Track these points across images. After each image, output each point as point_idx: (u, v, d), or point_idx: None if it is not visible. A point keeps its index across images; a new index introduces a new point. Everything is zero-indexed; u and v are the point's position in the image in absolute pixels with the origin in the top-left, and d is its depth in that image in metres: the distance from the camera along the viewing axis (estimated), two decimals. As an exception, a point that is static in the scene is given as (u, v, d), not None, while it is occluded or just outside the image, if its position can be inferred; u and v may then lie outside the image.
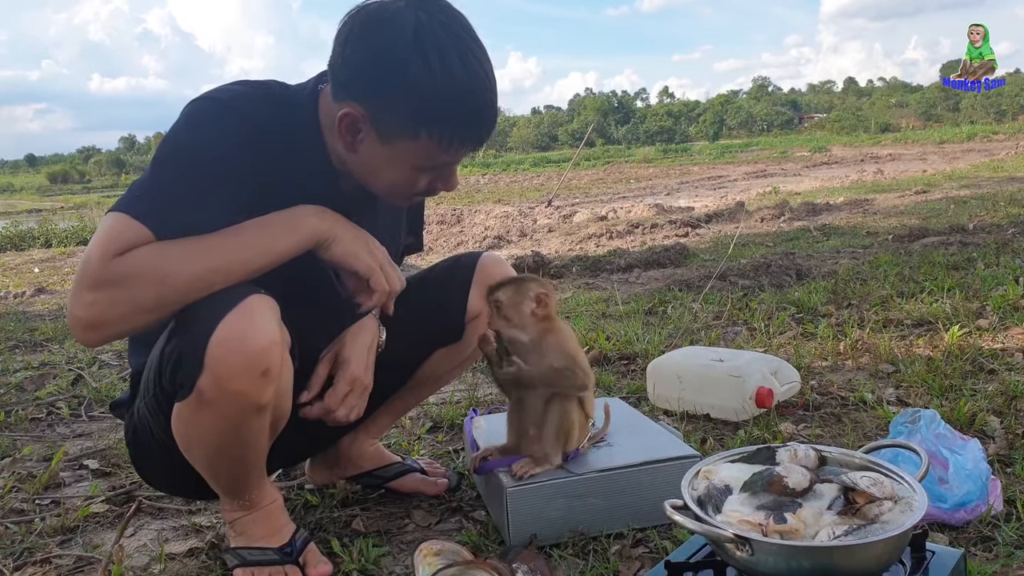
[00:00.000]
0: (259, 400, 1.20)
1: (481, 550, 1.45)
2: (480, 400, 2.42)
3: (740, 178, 17.16)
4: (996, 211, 6.44)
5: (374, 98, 1.17)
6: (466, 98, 1.17)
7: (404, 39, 1.13)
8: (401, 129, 1.18)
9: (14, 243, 10.48)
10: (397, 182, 1.27)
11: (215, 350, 1.15)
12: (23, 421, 2.47)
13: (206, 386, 1.17)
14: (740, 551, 1.01)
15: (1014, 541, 1.36)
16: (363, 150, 1.23)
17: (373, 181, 1.29)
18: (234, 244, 1.18)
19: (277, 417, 1.30)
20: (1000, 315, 2.91)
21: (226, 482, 1.35)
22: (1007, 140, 25.76)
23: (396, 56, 1.13)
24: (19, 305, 5.11)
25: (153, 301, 1.14)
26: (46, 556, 1.54)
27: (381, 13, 1.16)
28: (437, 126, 1.18)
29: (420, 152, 1.21)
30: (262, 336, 1.17)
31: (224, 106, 1.23)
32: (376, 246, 1.30)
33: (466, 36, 1.18)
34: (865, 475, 1.10)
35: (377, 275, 1.28)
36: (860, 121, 56.33)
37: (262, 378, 1.18)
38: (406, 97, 1.15)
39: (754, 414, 2.08)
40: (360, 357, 1.41)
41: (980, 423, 1.88)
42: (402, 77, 1.14)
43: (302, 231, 1.22)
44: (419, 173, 1.25)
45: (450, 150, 1.22)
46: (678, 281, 4.28)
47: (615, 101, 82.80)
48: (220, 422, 1.21)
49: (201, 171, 1.18)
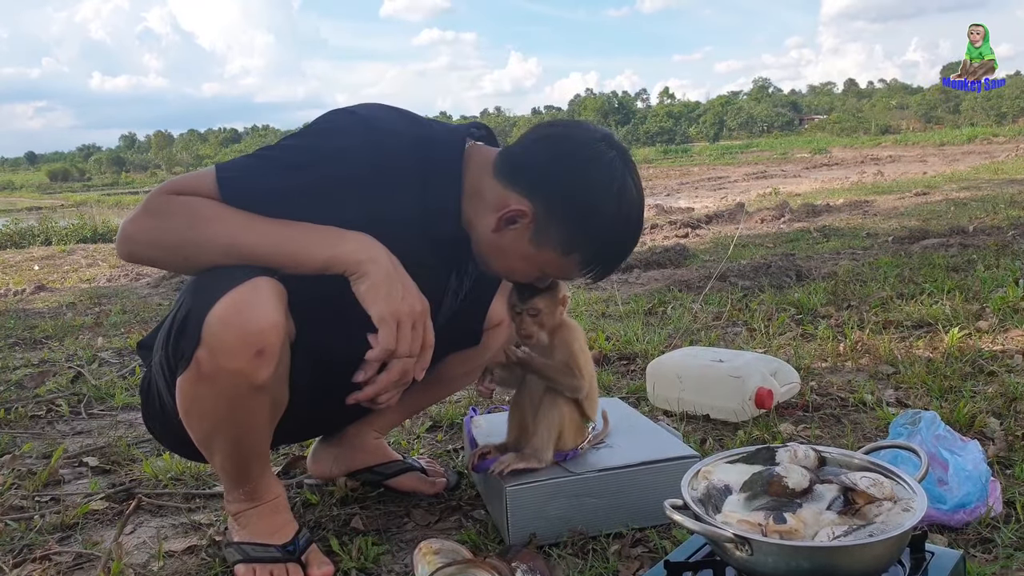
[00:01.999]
0: (254, 380, 1.19)
1: (480, 549, 1.45)
2: (480, 400, 2.42)
3: (740, 179, 17.18)
4: (996, 213, 6.44)
5: (553, 209, 1.24)
6: (627, 246, 1.32)
7: (609, 180, 1.24)
8: (557, 243, 1.25)
9: (14, 241, 10.49)
10: (517, 273, 1.33)
11: (212, 324, 1.15)
12: (23, 418, 2.47)
13: (203, 359, 1.17)
14: (740, 551, 1.01)
15: (1013, 543, 1.36)
16: (508, 238, 1.27)
17: (495, 262, 1.32)
18: (270, 233, 1.18)
19: (277, 401, 1.29)
20: (1000, 317, 2.91)
21: (226, 464, 1.34)
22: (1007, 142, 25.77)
23: (597, 191, 1.23)
24: (19, 303, 5.11)
25: (174, 242, 1.18)
26: (46, 553, 1.54)
27: (583, 136, 1.26)
28: (592, 257, 1.28)
29: (560, 265, 1.29)
30: (261, 317, 1.16)
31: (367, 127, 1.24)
32: (411, 296, 1.20)
33: (640, 186, 1.29)
34: (865, 476, 1.11)
35: (387, 327, 1.17)
36: (860, 123, 56.31)
37: (257, 358, 1.17)
38: (584, 228, 1.25)
39: (754, 415, 2.08)
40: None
41: (980, 425, 1.88)
42: (592, 212, 1.24)
43: (334, 252, 1.18)
44: (538, 276, 1.33)
45: (583, 272, 1.30)
46: (678, 281, 4.28)
47: (615, 101, 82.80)
48: (216, 399, 1.21)
49: (306, 179, 1.20)
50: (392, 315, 1.17)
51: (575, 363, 1.48)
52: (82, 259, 7.80)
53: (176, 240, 1.18)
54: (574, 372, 1.48)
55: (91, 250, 8.57)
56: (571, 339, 1.49)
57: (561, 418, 1.50)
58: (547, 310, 1.44)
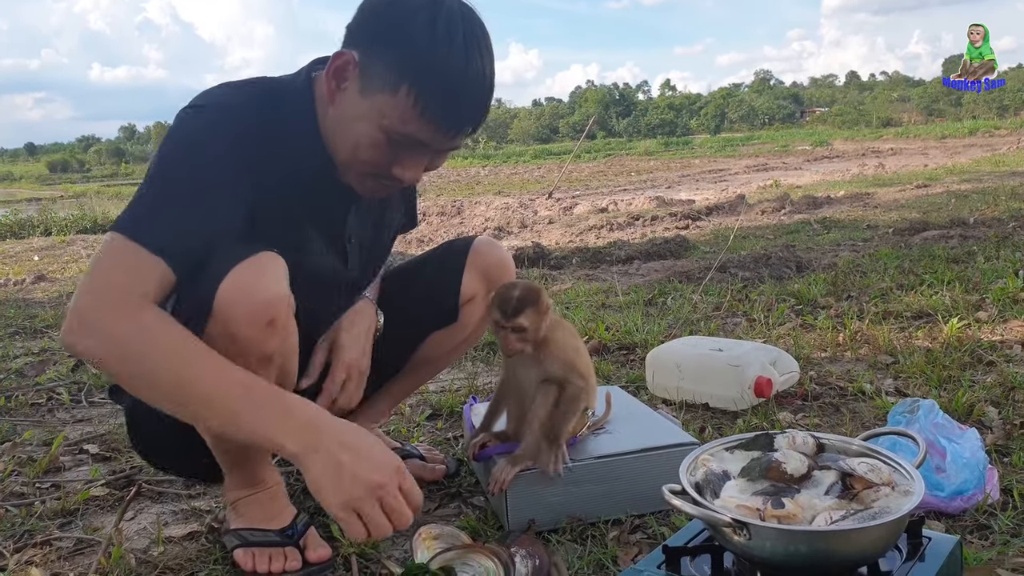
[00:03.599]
0: (264, 349, 1.21)
1: (480, 535, 1.45)
2: (480, 388, 2.42)
3: (741, 171, 17.14)
4: (997, 205, 6.43)
5: (370, 46, 1.17)
6: (456, 74, 1.16)
7: (420, 1, 1.15)
8: (383, 81, 1.16)
9: (14, 231, 10.46)
10: (363, 143, 1.21)
11: (223, 296, 1.16)
12: (23, 406, 2.47)
13: (213, 332, 1.17)
14: (738, 536, 1.01)
15: (1010, 529, 1.37)
16: (341, 101, 1.21)
17: (341, 143, 1.24)
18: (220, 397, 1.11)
19: (283, 379, 1.30)
20: (999, 307, 2.91)
21: (231, 448, 1.34)
22: (1009, 135, 25.70)
23: (406, 8, 1.15)
24: (19, 292, 5.12)
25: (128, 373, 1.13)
26: (46, 538, 1.55)
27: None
28: (418, 86, 1.15)
29: (394, 110, 1.16)
30: (270, 288, 1.19)
31: (207, 115, 1.22)
32: (363, 488, 1.07)
33: (479, 28, 1.19)
34: (863, 461, 1.11)
35: (348, 521, 1.07)
36: (862, 115, 56.20)
37: (268, 328, 1.19)
38: (399, 47, 1.15)
39: (753, 403, 2.08)
40: (357, 343, 1.42)
41: (978, 414, 1.89)
42: (404, 29, 1.14)
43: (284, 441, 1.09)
44: (386, 142, 1.20)
45: (422, 120, 1.17)
46: (678, 273, 4.28)
47: (616, 93, 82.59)
48: None
49: (197, 184, 1.18)
50: (346, 506, 1.07)
51: (573, 369, 1.46)
52: (82, 249, 7.79)
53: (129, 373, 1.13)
54: (572, 381, 1.45)
55: (91, 241, 8.56)
56: (561, 350, 1.45)
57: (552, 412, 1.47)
58: (532, 325, 1.40)
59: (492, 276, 1.61)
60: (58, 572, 1.40)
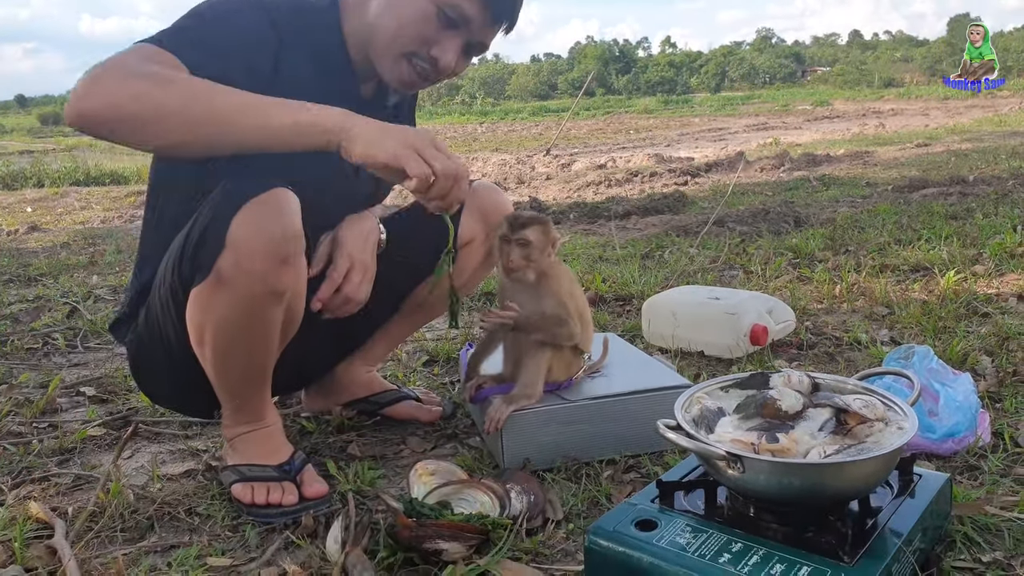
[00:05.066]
0: (276, 285, 1.21)
1: (476, 473, 1.47)
2: (476, 336, 2.43)
3: (741, 130, 16.96)
4: (997, 164, 6.40)
5: None
6: None
7: None
8: None
9: (6, 183, 10.34)
10: (413, 17, 1.28)
11: (237, 230, 1.16)
12: (19, 351, 2.47)
13: (225, 265, 1.17)
14: (731, 469, 1.02)
15: (1000, 470, 1.38)
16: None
17: (387, 22, 1.30)
18: (249, 104, 1.13)
19: (289, 319, 1.30)
20: (996, 261, 2.91)
21: (234, 382, 1.34)
22: (1012, 96, 25.45)
23: None
24: (12, 242, 5.08)
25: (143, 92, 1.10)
26: (44, 474, 1.56)
27: None
28: None
29: None
30: (287, 224, 1.19)
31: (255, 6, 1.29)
32: (414, 135, 1.15)
33: None
34: (858, 398, 1.11)
35: (409, 159, 1.12)
36: (863, 75, 55.49)
37: (281, 264, 1.20)
38: None
39: (748, 351, 2.09)
40: (357, 239, 1.41)
41: (972, 362, 1.90)
42: None
43: (316, 125, 1.13)
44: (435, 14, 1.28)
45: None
46: (676, 227, 4.26)
47: (616, 50, 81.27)
48: (236, 304, 1.21)
49: (229, 24, 1.24)
50: (406, 146, 1.13)
51: (565, 310, 1.46)
52: (75, 202, 7.72)
53: (140, 93, 1.10)
54: (565, 321, 1.46)
55: (84, 193, 8.48)
56: (558, 287, 1.46)
57: (549, 355, 1.49)
58: (537, 244, 1.41)
59: (491, 220, 1.60)
60: (56, 506, 1.40)
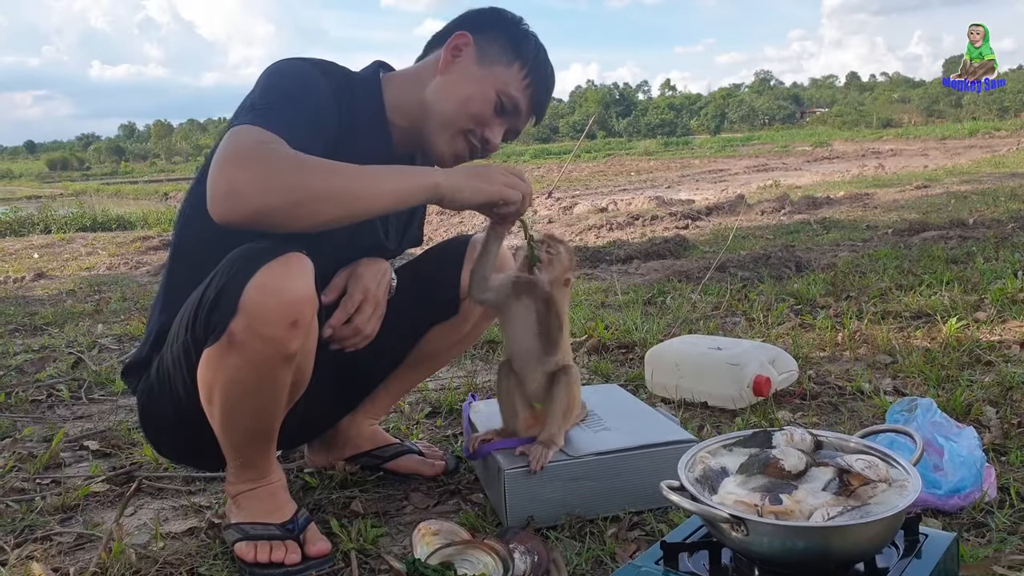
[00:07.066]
0: (287, 348, 1.23)
1: (479, 531, 1.46)
2: (479, 386, 2.43)
3: (741, 172, 17.15)
4: (996, 206, 6.44)
5: (486, 31, 1.45)
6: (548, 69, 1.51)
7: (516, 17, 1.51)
8: (501, 56, 1.44)
9: (13, 229, 10.47)
10: (476, 98, 1.43)
11: (251, 294, 1.19)
12: (23, 403, 2.48)
13: (238, 329, 1.20)
14: (735, 531, 1.01)
15: (1007, 527, 1.37)
16: (457, 70, 1.44)
17: (448, 101, 1.43)
18: (369, 175, 1.25)
19: (298, 380, 1.32)
20: (998, 308, 2.92)
21: (240, 440, 1.35)
22: (1009, 137, 25.72)
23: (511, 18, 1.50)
24: (19, 290, 5.12)
25: (286, 185, 1.17)
26: (47, 533, 1.55)
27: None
28: (527, 66, 1.46)
29: (509, 77, 1.44)
30: (298, 288, 1.22)
31: (308, 64, 1.38)
32: (495, 170, 1.35)
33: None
34: (860, 458, 1.11)
35: (508, 191, 1.33)
36: (862, 116, 56.20)
37: (292, 328, 1.22)
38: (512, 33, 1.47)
39: (752, 402, 2.09)
40: (374, 275, 1.48)
41: (976, 413, 1.89)
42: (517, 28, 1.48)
43: (428, 181, 1.29)
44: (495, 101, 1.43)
45: (526, 91, 1.46)
46: (677, 272, 4.29)
47: (616, 93, 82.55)
48: (246, 367, 1.23)
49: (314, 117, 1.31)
50: (497, 181, 1.34)
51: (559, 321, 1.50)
52: (82, 247, 7.80)
53: (288, 184, 1.17)
54: (561, 326, 1.51)
55: (91, 238, 8.56)
56: (562, 306, 1.51)
57: (574, 399, 1.52)
58: (561, 262, 1.47)
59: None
60: (59, 567, 1.40)
